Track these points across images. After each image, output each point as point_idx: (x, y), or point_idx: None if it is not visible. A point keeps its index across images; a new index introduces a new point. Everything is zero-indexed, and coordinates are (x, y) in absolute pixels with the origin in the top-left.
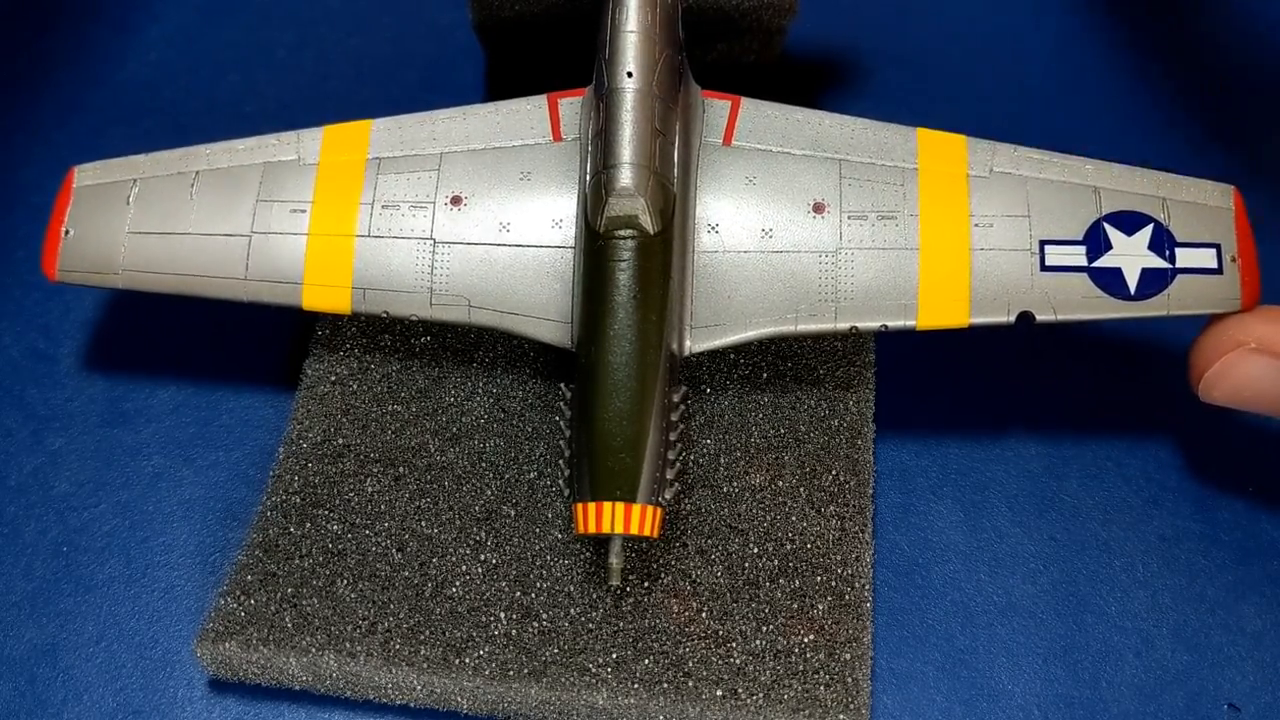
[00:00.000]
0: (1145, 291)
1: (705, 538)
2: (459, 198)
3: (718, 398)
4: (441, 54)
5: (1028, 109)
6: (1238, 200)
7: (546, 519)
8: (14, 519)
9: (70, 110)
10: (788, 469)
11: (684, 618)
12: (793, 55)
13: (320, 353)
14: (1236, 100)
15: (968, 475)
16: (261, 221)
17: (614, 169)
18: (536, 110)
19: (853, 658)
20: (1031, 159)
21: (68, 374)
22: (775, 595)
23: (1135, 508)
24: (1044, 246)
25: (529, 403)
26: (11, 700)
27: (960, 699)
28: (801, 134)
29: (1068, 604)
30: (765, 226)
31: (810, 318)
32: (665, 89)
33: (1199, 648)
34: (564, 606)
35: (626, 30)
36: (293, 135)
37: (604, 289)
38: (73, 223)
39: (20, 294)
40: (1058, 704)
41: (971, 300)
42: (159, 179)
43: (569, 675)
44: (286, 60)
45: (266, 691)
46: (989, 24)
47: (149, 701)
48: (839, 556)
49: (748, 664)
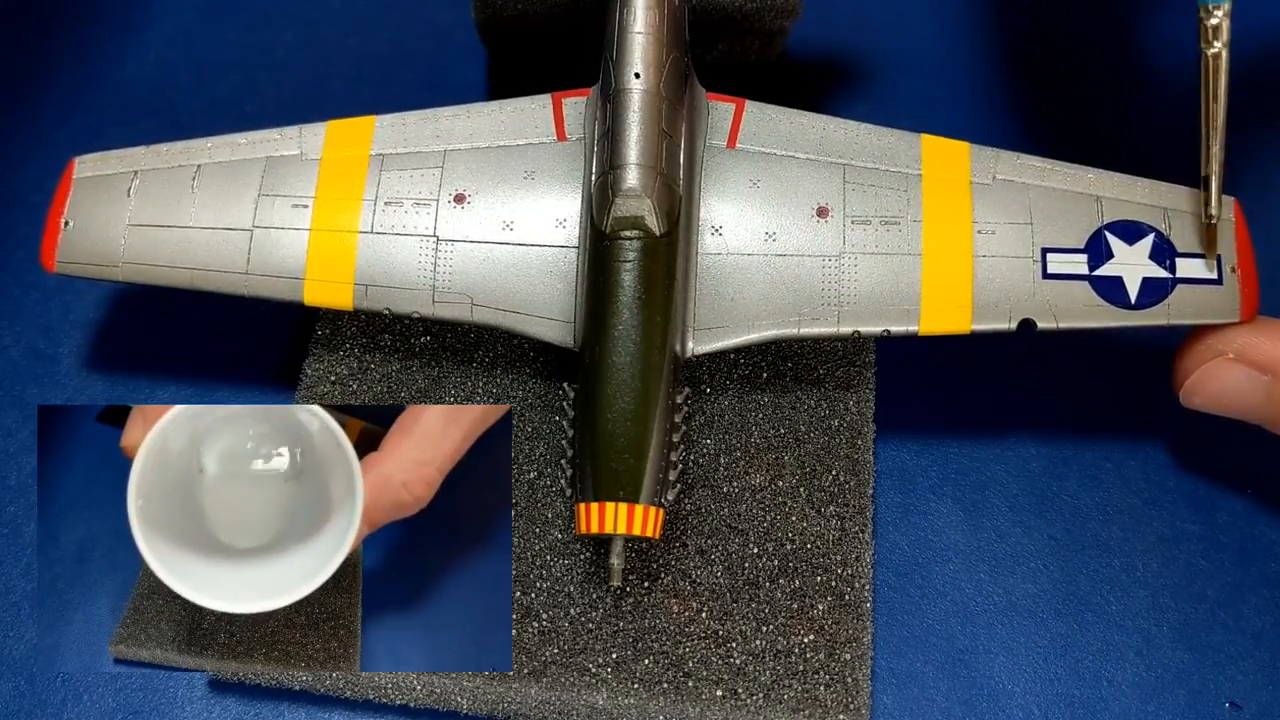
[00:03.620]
0: (1146, 301)
1: (705, 538)
2: (462, 195)
3: (718, 398)
4: (442, 54)
5: (1030, 113)
6: (1238, 212)
7: (546, 519)
8: (14, 519)
9: (70, 110)
10: (788, 469)
11: (684, 618)
12: (794, 56)
13: (320, 352)
14: (1237, 108)
15: (968, 475)
16: (263, 216)
17: (621, 170)
18: (541, 109)
19: (853, 658)
20: (1034, 167)
21: (68, 374)
22: (775, 595)
23: (1135, 508)
24: (1046, 254)
25: (529, 403)
26: (11, 700)
27: (960, 699)
28: (806, 138)
29: (1068, 603)
30: (769, 229)
31: (813, 321)
32: (672, 90)
33: (1199, 646)
34: (564, 606)
35: (634, 31)
36: (295, 130)
37: (609, 289)
38: (72, 214)
39: (20, 294)
40: (1058, 703)
41: (974, 307)
42: (160, 171)
43: (569, 675)
44: (286, 60)
45: (266, 691)
46: (990, 26)
47: (149, 701)
48: (839, 556)
49: (748, 664)
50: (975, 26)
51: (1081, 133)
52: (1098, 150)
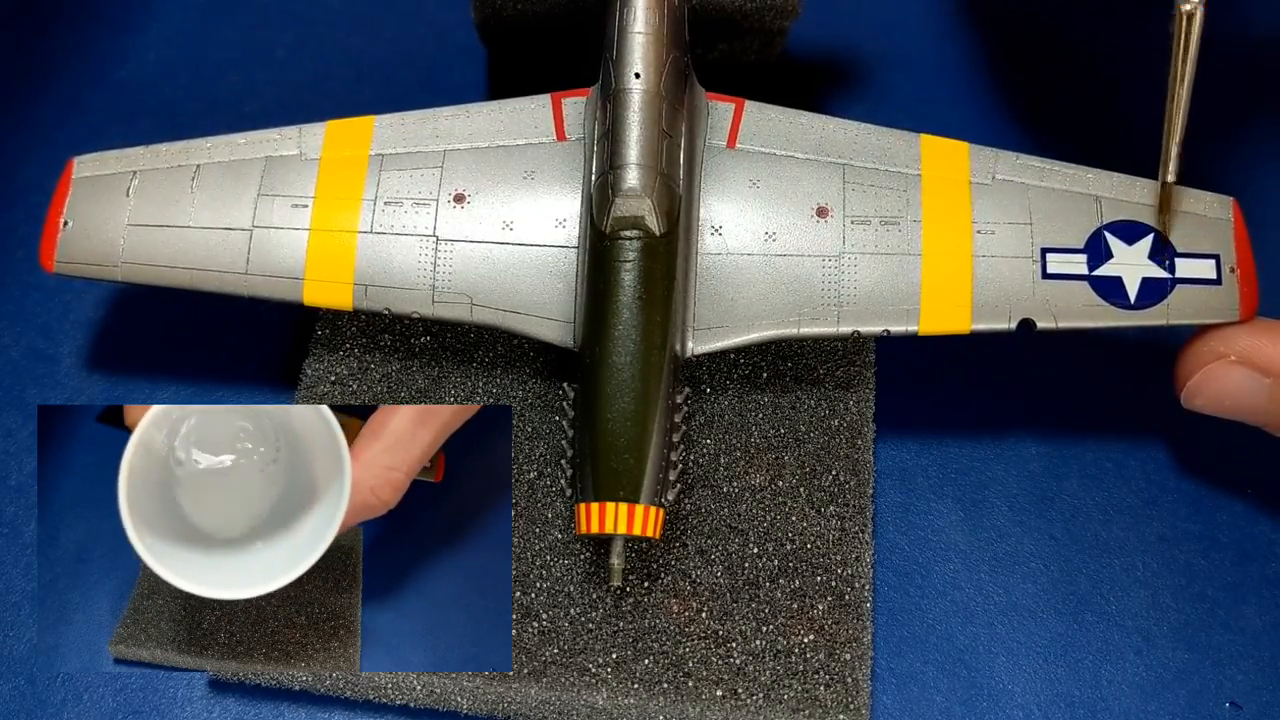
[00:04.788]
0: (1145, 301)
1: (705, 538)
2: (462, 195)
3: (718, 398)
4: (442, 54)
5: (1030, 113)
6: (1237, 212)
7: (546, 519)
8: (14, 519)
9: (70, 110)
10: (788, 469)
11: (684, 618)
12: (794, 56)
13: (320, 352)
14: (1237, 108)
15: (968, 475)
16: (263, 216)
17: (621, 170)
18: (540, 109)
19: (853, 658)
20: (1033, 167)
21: (68, 374)
22: (775, 595)
23: (1134, 508)
24: (1045, 254)
25: (529, 403)
26: (11, 700)
27: (960, 699)
28: (805, 138)
29: (1068, 603)
30: (769, 229)
31: (813, 321)
32: (672, 91)
33: (1199, 646)
34: (564, 606)
35: (634, 31)
36: (295, 130)
37: (609, 289)
38: (71, 214)
39: (20, 294)
40: (1058, 703)
41: (973, 306)
42: (159, 171)
43: (569, 675)
44: (286, 60)
45: (266, 691)
46: (990, 26)
47: (149, 701)
48: (839, 556)
49: (748, 664)
50: (974, 26)
51: (1081, 133)
52: (1098, 150)
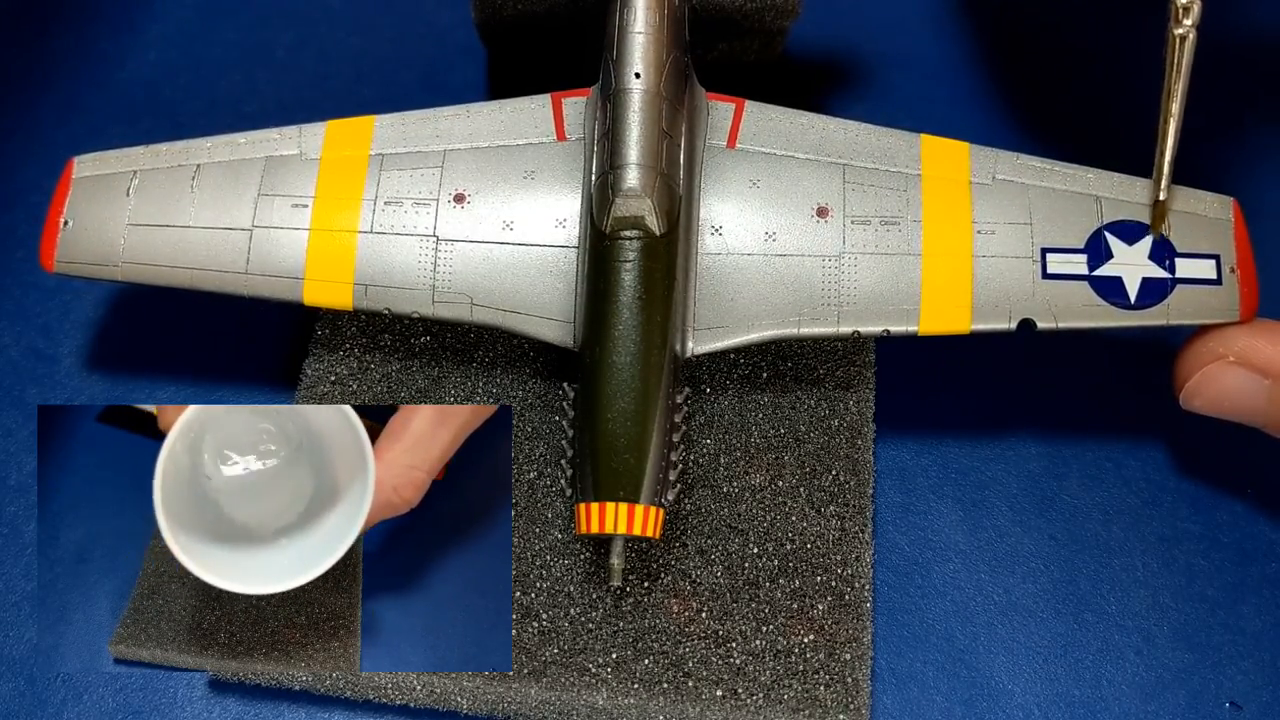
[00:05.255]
0: (1145, 301)
1: (705, 538)
2: (462, 195)
3: (718, 398)
4: (442, 54)
5: (1030, 113)
6: (1237, 212)
7: (546, 519)
8: (14, 519)
9: (70, 110)
10: (788, 469)
11: (684, 618)
12: (794, 56)
13: (320, 352)
14: (1236, 108)
15: (968, 475)
16: (263, 216)
17: (621, 170)
18: (540, 109)
19: (853, 658)
20: (1034, 167)
21: (68, 374)
22: (775, 595)
23: (1135, 508)
24: (1045, 254)
25: (529, 403)
26: (11, 700)
27: (960, 699)
28: (805, 138)
29: (1068, 603)
30: (769, 229)
31: (813, 321)
32: (672, 90)
33: (1199, 646)
34: (564, 606)
35: (635, 31)
36: (295, 130)
37: (609, 289)
38: (71, 214)
39: (20, 294)
40: (1058, 703)
41: (973, 306)
42: (160, 171)
43: (569, 675)
44: (286, 60)
45: (266, 691)
46: (990, 26)
47: (149, 701)
48: (839, 556)
49: (748, 664)
50: (975, 27)
51: (1081, 133)
52: (1098, 150)
